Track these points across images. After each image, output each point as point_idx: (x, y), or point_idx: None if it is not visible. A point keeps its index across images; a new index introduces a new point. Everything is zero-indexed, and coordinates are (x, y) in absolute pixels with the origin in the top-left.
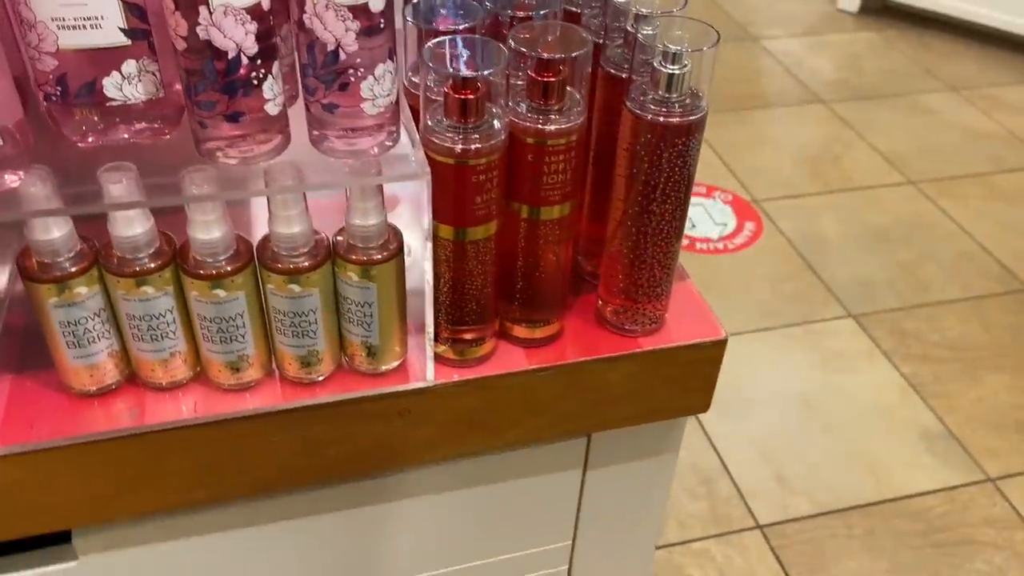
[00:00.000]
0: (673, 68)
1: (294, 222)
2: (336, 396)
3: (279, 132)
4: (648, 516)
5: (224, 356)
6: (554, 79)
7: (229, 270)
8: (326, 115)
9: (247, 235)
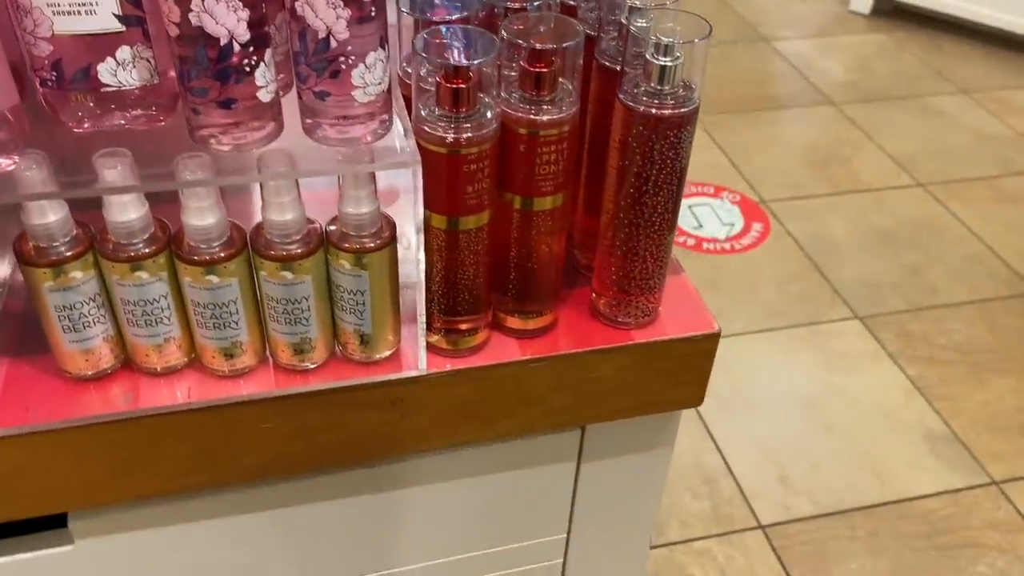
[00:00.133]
0: (665, 60)
1: (287, 209)
2: (329, 384)
3: (272, 120)
4: (643, 510)
5: (218, 342)
6: (546, 70)
7: (223, 256)
8: (318, 103)
9: (243, 224)
